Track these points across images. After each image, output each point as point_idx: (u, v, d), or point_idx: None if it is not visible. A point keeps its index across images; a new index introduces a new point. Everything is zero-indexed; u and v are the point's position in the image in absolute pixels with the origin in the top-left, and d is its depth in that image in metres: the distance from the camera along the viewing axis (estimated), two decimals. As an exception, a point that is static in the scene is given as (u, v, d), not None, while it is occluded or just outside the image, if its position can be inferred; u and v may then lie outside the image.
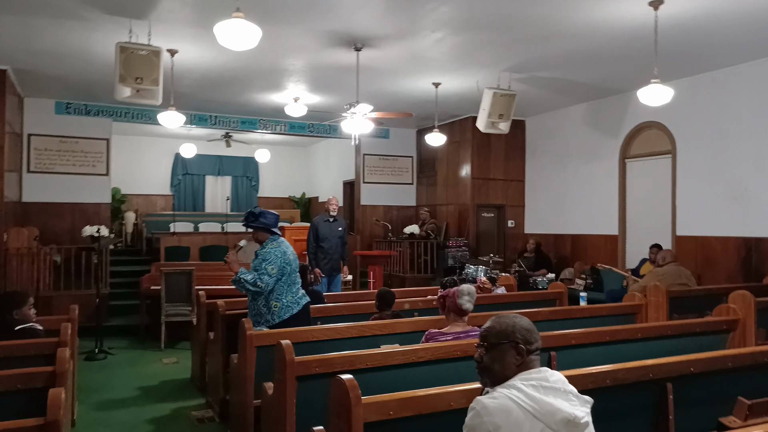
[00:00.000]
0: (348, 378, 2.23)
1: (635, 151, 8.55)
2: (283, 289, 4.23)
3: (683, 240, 7.68)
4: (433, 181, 11.48)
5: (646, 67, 6.15)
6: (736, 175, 7.06)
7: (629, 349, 3.67)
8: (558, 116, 9.89)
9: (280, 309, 4.20)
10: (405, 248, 10.28)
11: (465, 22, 5.70)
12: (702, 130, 7.48)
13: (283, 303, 4.22)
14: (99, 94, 8.77)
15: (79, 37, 6.26)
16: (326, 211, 7.40)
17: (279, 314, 4.20)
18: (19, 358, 3.30)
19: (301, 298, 4.34)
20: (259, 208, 4.41)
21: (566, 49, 6.45)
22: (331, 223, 7.34)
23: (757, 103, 6.85)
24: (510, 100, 7.42)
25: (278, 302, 4.21)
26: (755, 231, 6.86)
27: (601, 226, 9.00)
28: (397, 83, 8.11)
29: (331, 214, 7.36)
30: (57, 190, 9.33)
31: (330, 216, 7.36)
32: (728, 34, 5.96)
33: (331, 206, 7.39)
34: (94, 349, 6.80)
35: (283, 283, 4.23)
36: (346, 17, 5.59)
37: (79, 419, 4.69)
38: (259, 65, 7.30)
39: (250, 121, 10.81)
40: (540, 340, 1.92)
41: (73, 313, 4.43)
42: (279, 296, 4.21)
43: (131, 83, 5.51)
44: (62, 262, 8.29)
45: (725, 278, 7.09)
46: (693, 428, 2.75)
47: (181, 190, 14.95)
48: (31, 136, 9.19)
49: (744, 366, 2.97)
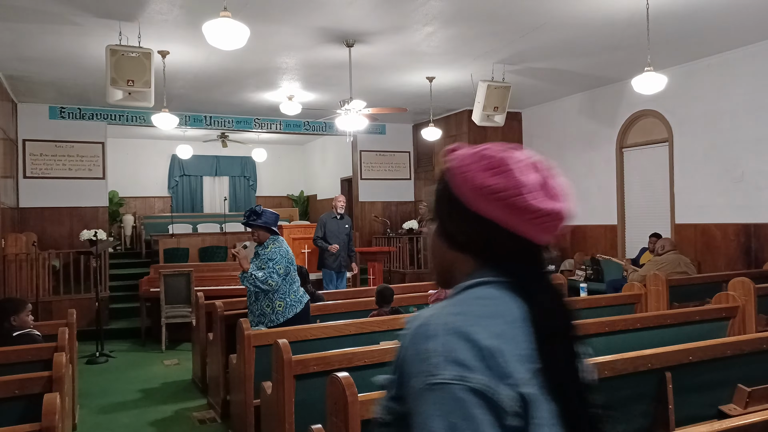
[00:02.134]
0: (344, 376, 2.23)
1: (632, 140, 8.53)
2: (285, 289, 4.26)
3: (682, 228, 7.67)
4: (431, 175, 11.46)
5: (641, 56, 6.12)
6: (733, 161, 7.04)
7: (629, 339, 3.66)
8: (554, 107, 9.86)
9: (285, 308, 4.23)
10: (404, 244, 10.27)
11: (456, 14, 5.67)
12: (698, 117, 7.45)
13: (287, 302, 4.25)
14: (92, 97, 8.75)
15: (70, 42, 6.24)
16: (334, 208, 7.46)
17: (284, 313, 4.23)
18: (17, 364, 3.30)
19: (302, 296, 4.38)
20: (260, 207, 4.41)
21: (559, 38, 6.42)
22: (338, 221, 7.40)
23: (752, 88, 6.83)
24: (505, 93, 7.40)
25: (282, 302, 4.24)
26: (754, 217, 6.84)
27: (600, 216, 8.98)
28: (390, 78, 8.08)
29: (339, 212, 7.41)
30: (54, 195, 9.31)
31: (337, 213, 7.41)
32: (722, 20, 5.93)
33: (338, 204, 7.46)
34: (95, 352, 6.80)
35: (285, 283, 4.25)
36: (336, 13, 5.56)
37: (81, 423, 4.69)
38: (252, 64, 7.27)
39: (246, 120, 10.78)
40: None
41: (71, 317, 4.42)
42: (283, 296, 4.25)
43: (123, 86, 5.48)
44: (61, 266, 8.29)
45: (725, 265, 7.08)
46: (693, 417, 2.74)
47: (179, 192, 14.94)
48: (26, 141, 9.16)
49: (743, 353, 2.96)
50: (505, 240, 0.94)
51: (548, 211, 0.92)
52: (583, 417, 0.89)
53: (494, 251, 0.95)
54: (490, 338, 0.83)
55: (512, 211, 0.92)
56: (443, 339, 0.83)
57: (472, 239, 0.96)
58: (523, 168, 0.94)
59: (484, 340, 0.82)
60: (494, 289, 0.92)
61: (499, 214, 0.92)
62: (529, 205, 0.91)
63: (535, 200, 0.92)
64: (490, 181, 0.93)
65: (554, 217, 0.93)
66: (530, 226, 0.93)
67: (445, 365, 0.81)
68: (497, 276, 0.93)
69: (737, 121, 7.00)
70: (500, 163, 0.94)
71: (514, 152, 0.97)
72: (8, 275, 7.52)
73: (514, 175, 0.93)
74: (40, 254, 7.81)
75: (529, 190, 0.92)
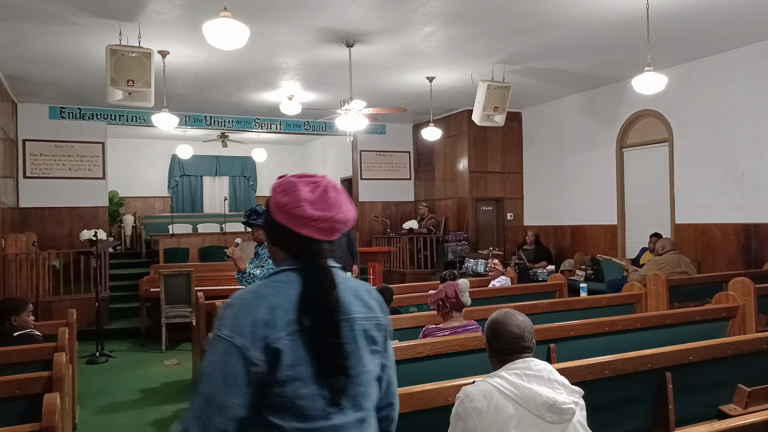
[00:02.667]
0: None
1: (632, 140, 8.53)
2: None
3: (682, 228, 7.66)
4: (431, 175, 11.46)
5: (641, 56, 6.12)
6: (733, 161, 7.04)
7: (629, 339, 3.66)
8: (554, 107, 9.86)
9: None
10: (404, 244, 10.27)
11: (456, 14, 5.67)
12: (698, 117, 7.45)
13: None
14: (92, 97, 8.75)
15: (70, 42, 6.24)
16: None
17: None
18: (17, 365, 3.30)
19: None
20: (261, 207, 4.40)
21: (559, 38, 6.42)
22: None
23: (752, 88, 6.83)
24: (505, 93, 7.40)
25: None
26: (754, 217, 6.84)
27: (600, 217, 8.99)
28: (390, 78, 8.08)
29: None
30: (54, 195, 9.31)
31: None
32: (722, 20, 5.93)
33: None
34: (95, 352, 6.80)
35: None
36: (336, 13, 5.56)
37: (81, 423, 4.69)
38: (252, 64, 7.27)
39: (246, 120, 10.78)
40: (517, 340, 1.95)
41: (71, 317, 4.42)
42: None
43: (123, 86, 5.48)
44: (61, 266, 8.28)
45: (725, 265, 7.08)
46: (693, 417, 2.74)
47: (179, 192, 14.93)
48: (26, 141, 9.16)
49: (743, 353, 2.96)
50: (294, 239, 1.41)
51: (317, 217, 1.39)
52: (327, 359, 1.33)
53: (289, 247, 1.43)
54: (265, 312, 1.31)
55: (293, 218, 1.40)
56: (235, 309, 1.33)
57: (277, 239, 1.45)
58: (305, 189, 1.41)
59: (260, 314, 1.30)
60: (287, 275, 1.40)
61: (287, 220, 1.41)
62: (304, 214, 1.38)
63: (307, 210, 1.38)
64: (281, 199, 1.42)
65: (323, 221, 1.39)
66: (308, 229, 1.40)
67: (227, 326, 1.31)
68: (292, 265, 1.41)
69: (737, 121, 7.00)
70: (289, 186, 1.42)
71: (307, 178, 1.44)
72: (8, 275, 7.52)
73: (296, 194, 1.40)
74: (40, 254, 7.81)
75: (304, 204, 1.39)
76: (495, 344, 1.97)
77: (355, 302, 1.43)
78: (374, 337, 1.44)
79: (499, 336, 1.96)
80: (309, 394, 1.31)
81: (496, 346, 1.97)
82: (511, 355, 1.93)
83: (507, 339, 1.94)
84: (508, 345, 1.94)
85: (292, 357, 1.29)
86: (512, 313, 2.02)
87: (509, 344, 1.94)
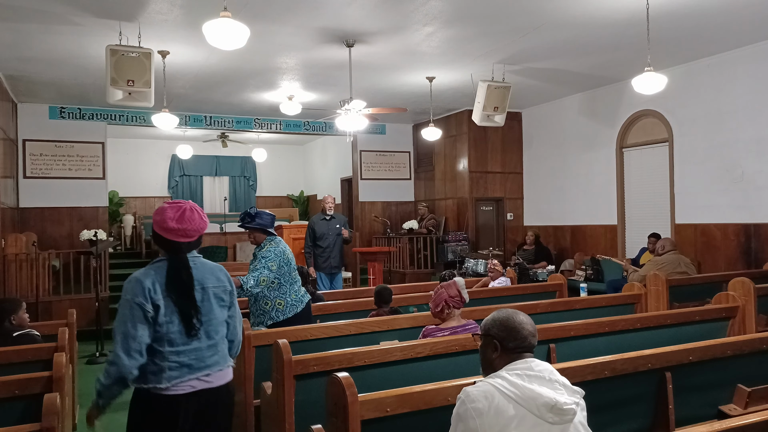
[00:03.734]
0: (344, 376, 2.22)
1: (632, 140, 8.53)
2: (286, 288, 4.26)
3: (682, 228, 7.66)
4: (431, 175, 11.46)
5: (641, 56, 6.12)
6: (733, 161, 7.04)
7: (629, 339, 3.65)
8: (554, 107, 9.86)
9: (285, 307, 4.24)
10: (404, 244, 10.27)
11: (456, 14, 5.67)
12: (698, 117, 7.45)
13: (287, 301, 4.25)
14: (92, 97, 8.75)
15: (70, 42, 6.24)
16: (322, 210, 7.41)
17: (284, 312, 4.23)
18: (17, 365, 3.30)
19: (303, 296, 4.39)
20: (254, 209, 4.41)
21: (559, 38, 6.42)
22: (328, 222, 7.33)
23: (752, 88, 6.83)
24: (504, 93, 7.40)
25: (282, 300, 4.24)
26: (754, 217, 6.84)
27: (600, 217, 8.99)
28: (390, 78, 8.08)
29: (328, 213, 7.35)
30: (54, 195, 9.32)
31: (326, 215, 7.35)
32: (722, 20, 5.93)
33: (327, 205, 7.38)
34: (95, 352, 6.80)
35: (285, 282, 4.25)
36: (336, 13, 5.56)
37: (81, 423, 4.68)
38: (252, 64, 7.27)
39: (246, 120, 10.78)
40: (529, 337, 1.95)
41: (71, 317, 4.42)
42: (283, 295, 4.25)
43: (123, 86, 5.49)
44: (61, 266, 8.28)
45: (725, 265, 7.08)
46: (693, 417, 2.74)
47: (179, 192, 14.93)
48: (26, 141, 9.16)
49: (743, 353, 2.95)
50: (165, 242, 2.40)
51: (175, 228, 2.36)
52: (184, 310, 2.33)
53: (164, 247, 2.41)
54: (149, 283, 2.30)
55: (162, 229, 2.38)
56: (133, 283, 2.31)
57: (157, 241, 2.43)
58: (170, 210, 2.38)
59: (147, 285, 2.29)
60: (162, 263, 2.39)
61: (160, 230, 2.39)
62: (167, 226, 2.36)
63: (170, 224, 2.36)
64: (156, 218, 2.40)
65: (179, 230, 2.37)
66: (171, 235, 2.37)
67: (130, 292, 2.29)
68: (165, 257, 2.40)
69: (737, 121, 7.00)
70: (161, 209, 2.40)
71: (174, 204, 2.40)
72: (8, 275, 7.52)
73: (164, 214, 2.38)
74: (40, 254, 7.80)
75: (169, 220, 2.36)
76: (511, 343, 1.93)
77: (210, 277, 2.45)
78: (222, 297, 2.48)
79: (516, 335, 1.94)
80: (176, 330, 2.31)
81: (511, 345, 1.93)
82: (523, 353, 1.92)
83: (523, 337, 1.94)
84: (524, 344, 1.93)
85: (165, 309, 2.29)
86: (517, 311, 2.02)
87: (525, 342, 1.93)
